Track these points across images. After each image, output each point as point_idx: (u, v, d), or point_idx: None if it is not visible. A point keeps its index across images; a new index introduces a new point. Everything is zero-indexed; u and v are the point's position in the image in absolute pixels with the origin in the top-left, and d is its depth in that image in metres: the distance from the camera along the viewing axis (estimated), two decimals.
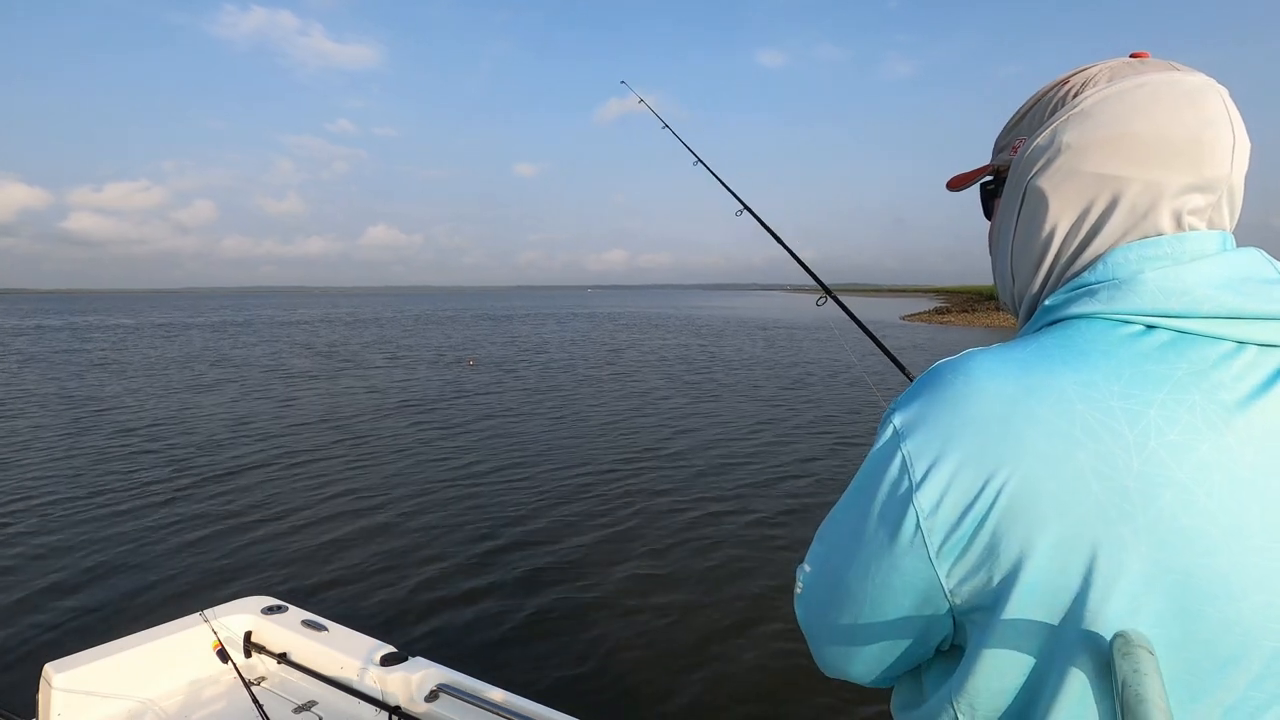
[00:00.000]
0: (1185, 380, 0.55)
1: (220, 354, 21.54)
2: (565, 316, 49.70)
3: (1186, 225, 0.62)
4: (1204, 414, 0.54)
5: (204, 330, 34.15)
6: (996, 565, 0.56)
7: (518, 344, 25.25)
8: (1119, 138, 0.62)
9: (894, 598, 0.63)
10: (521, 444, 8.86)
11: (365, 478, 7.35)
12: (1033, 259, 0.69)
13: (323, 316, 51.23)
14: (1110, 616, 0.53)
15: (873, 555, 0.62)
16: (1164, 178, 0.61)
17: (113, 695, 2.28)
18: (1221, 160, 0.61)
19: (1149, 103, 0.62)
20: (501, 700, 2.16)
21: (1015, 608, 0.56)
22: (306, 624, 2.55)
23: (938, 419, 0.59)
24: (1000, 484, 0.55)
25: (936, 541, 0.58)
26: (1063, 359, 0.58)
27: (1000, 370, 0.58)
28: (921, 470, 0.58)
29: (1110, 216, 0.64)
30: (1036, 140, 0.67)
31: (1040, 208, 0.67)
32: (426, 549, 5.35)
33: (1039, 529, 0.54)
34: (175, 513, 6.23)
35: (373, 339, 28.09)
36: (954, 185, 0.80)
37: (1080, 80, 0.67)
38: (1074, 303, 0.62)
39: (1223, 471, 0.53)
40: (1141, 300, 0.59)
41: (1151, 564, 0.52)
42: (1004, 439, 0.56)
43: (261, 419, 10.67)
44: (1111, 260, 0.63)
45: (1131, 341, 0.58)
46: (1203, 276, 0.59)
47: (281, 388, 14.17)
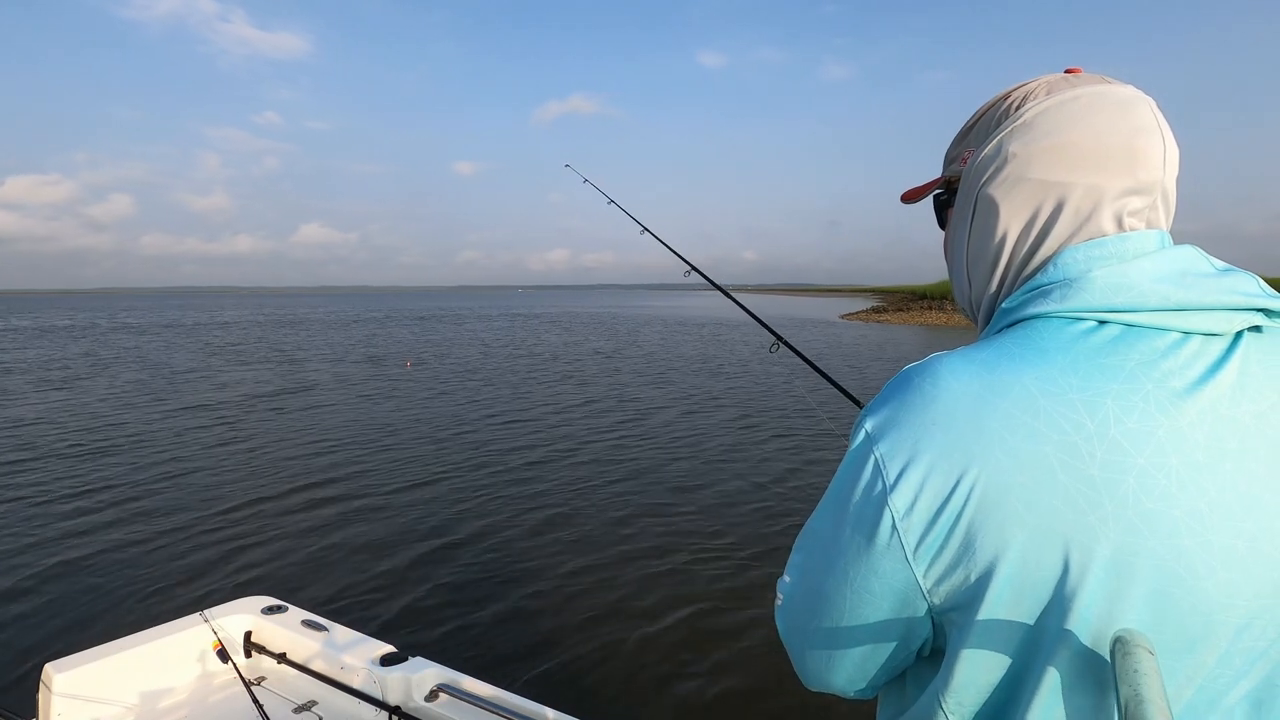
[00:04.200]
0: (1137, 370, 0.58)
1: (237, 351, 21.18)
2: (475, 318, 48.99)
3: (1127, 225, 0.66)
4: (1157, 401, 0.56)
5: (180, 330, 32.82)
6: (973, 562, 0.57)
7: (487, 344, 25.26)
8: (1060, 146, 0.66)
9: (873, 601, 0.63)
10: (522, 443, 8.85)
11: (365, 478, 7.31)
12: (987, 263, 0.72)
13: (251, 319, 49.65)
14: (1085, 603, 0.55)
15: (851, 560, 0.63)
16: (1103, 182, 0.65)
17: (113, 695, 2.27)
18: (1154, 165, 0.65)
19: (1085, 113, 0.66)
20: (501, 700, 2.17)
21: (994, 602, 0.57)
22: (306, 624, 2.55)
23: (908, 421, 0.60)
24: (972, 481, 0.57)
25: (913, 542, 0.59)
26: (1023, 357, 0.60)
27: (965, 371, 0.60)
28: (895, 472, 0.60)
29: (1057, 220, 0.67)
30: (984, 151, 0.71)
31: (991, 214, 0.70)
32: (427, 549, 5.35)
33: (1012, 523, 0.55)
34: (175, 513, 6.17)
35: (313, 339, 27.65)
36: (908, 198, 0.83)
37: (1021, 94, 0.70)
38: (1030, 304, 0.65)
39: (1179, 455, 0.55)
40: (1092, 297, 0.62)
41: (1120, 549, 0.54)
42: (973, 437, 0.57)
43: (260, 420, 10.57)
44: (1061, 261, 0.65)
45: (1085, 337, 0.60)
46: (1146, 272, 0.62)
47: (279, 391, 14.04)
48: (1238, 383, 0.58)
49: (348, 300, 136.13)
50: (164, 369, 17.74)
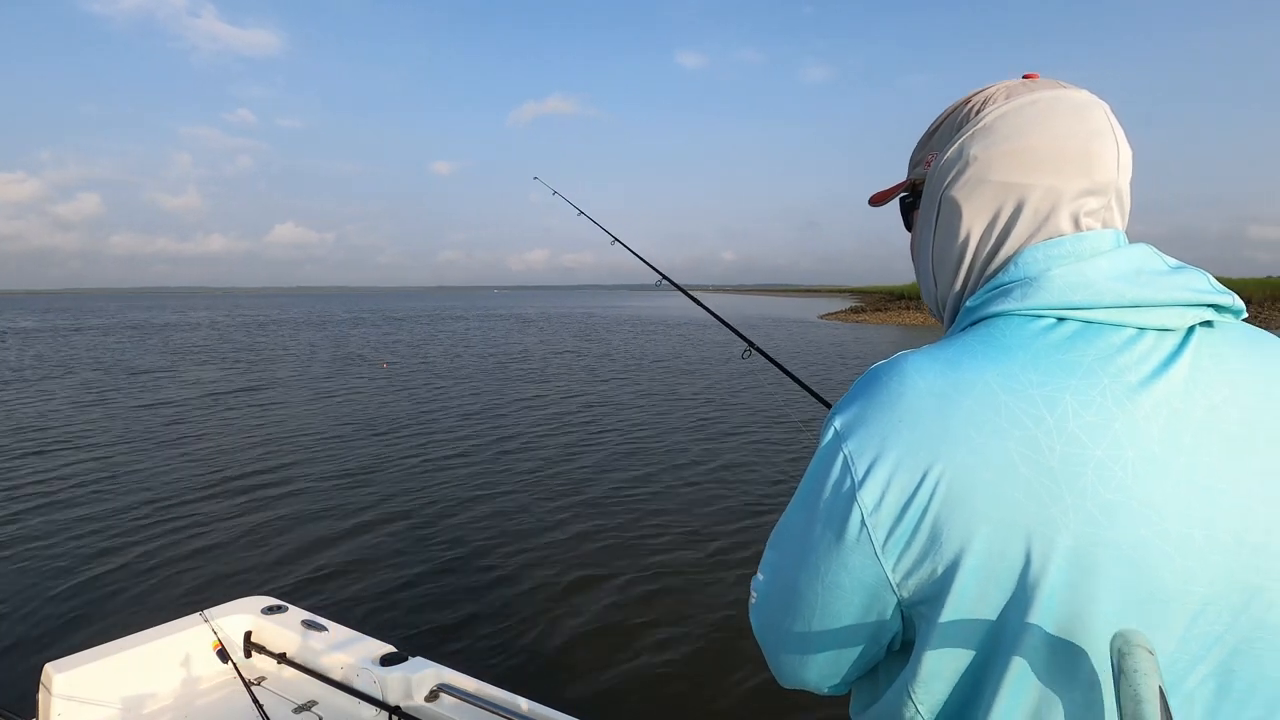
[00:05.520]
0: (1094, 365, 0.59)
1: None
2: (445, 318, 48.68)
3: (1084, 225, 0.68)
4: (1113, 395, 0.58)
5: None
6: (939, 555, 0.58)
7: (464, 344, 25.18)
8: (1019, 149, 0.68)
9: (844, 596, 0.64)
10: (521, 444, 8.84)
11: (364, 478, 7.27)
12: (952, 263, 0.73)
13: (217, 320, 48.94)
14: (1048, 593, 0.56)
15: (822, 556, 0.64)
16: (1061, 183, 0.67)
17: (113, 695, 2.27)
18: (1109, 166, 0.67)
19: (1043, 117, 0.68)
20: (501, 700, 2.18)
21: (960, 594, 0.58)
22: (306, 624, 2.55)
23: (875, 419, 0.62)
24: (937, 477, 0.58)
25: (881, 536, 0.60)
26: (985, 354, 0.62)
27: (930, 369, 0.62)
28: (863, 468, 0.61)
29: (1017, 220, 0.68)
30: (947, 154, 0.72)
31: (955, 216, 0.72)
32: (427, 549, 5.34)
33: (977, 517, 0.57)
34: (174, 513, 6.11)
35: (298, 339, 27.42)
36: (875, 201, 0.84)
37: (981, 99, 0.72)
38: (992, 302, 0.67)
39: (1135, 448, 0.57)
40: (1050, 295, 0.63)
41: (1080, 539, 0.55)
42: (938, 434, 0.59)
43: (259, 421, 10.47)
44: (1022, 261, 0.67)
45: (1044, 334, 0.62)
46: (1102, 271, 0.63)
47: (288, 392, 13.95)
48: (1190, 376, 0.60)
49: (324, 300, 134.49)
50: (143, 370, 17.54)
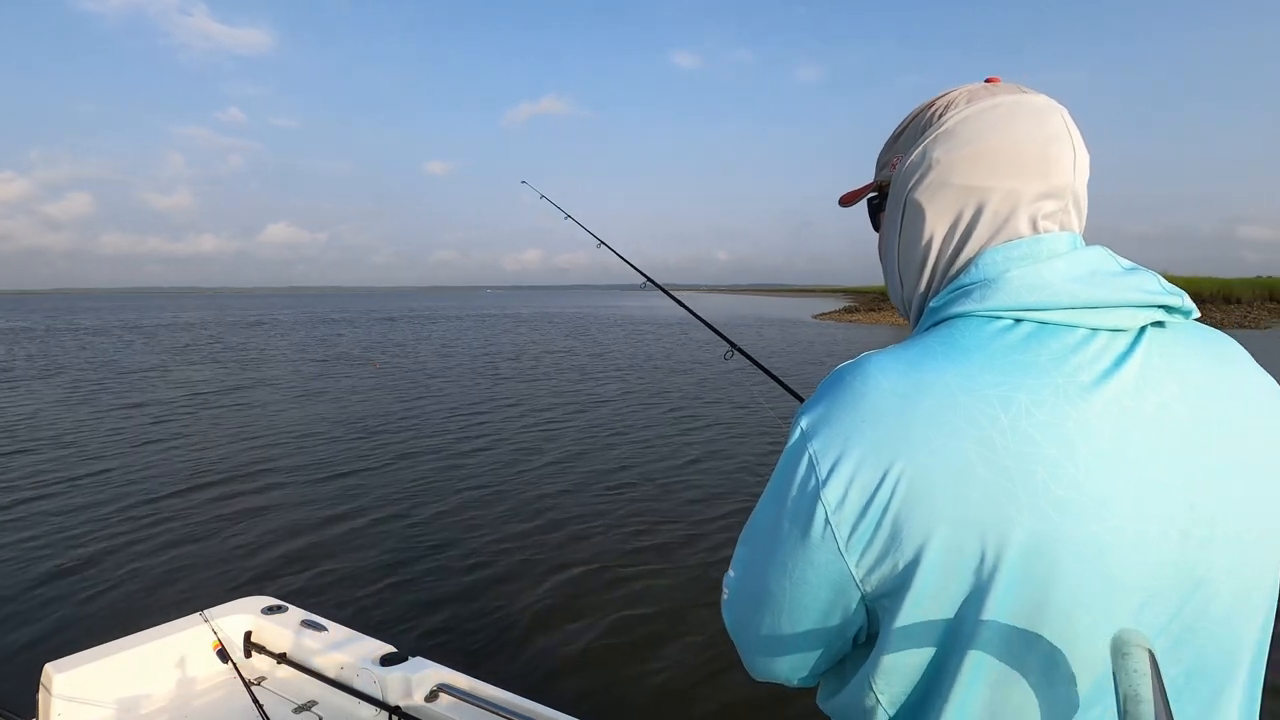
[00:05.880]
0: (1048, 365, 0.61)
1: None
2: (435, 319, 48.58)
3: (1042, 228, 0.69)
4: (1066, 394, 0.59)
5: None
6: (900, 552, 0.60)
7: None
8: (980, 153, 0.69)
9: (811, 592, 0.66)
10: (520, 444, 8.83)
11: (364, 478, 7.26)
12: (916, 264, 0.75)
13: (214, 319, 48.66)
14: (1004, 587, 0.58)
15: (789, 552, 0.66)
16: (1020, 187, 0.68)
17: (113, 695, 2.27)
18: (1065, 170, 0.69)
19: (1003, 121, 0.69)
20: (501, 700, 2.18)
21: (920, 589, 0.59)
22: (306, 624, 2.55)
23: (839, 419, 0.63)
24: (898, 475, 0.59)
25: (844, 534, 0.61)
26: (945, 355, 0.63)
27: (892, 370, 0.63)
28: (827, 467, 0.62)
29: (978, 223, 0.70)
30: (910, 157, 0.73)
31: (918, 218, 0.73)
32: (427, 549, 5.33)
33: (935, 515, 0.58)
34: (174, 513, 6.09)
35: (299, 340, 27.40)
36: (845, 201, 0.86)
37: (944, 103, 0.73)
38: (953, 303, 0.68)
39: (1086, 445, 0.58)
40: (1008, 297, 0.64)
41: (1033, 535, 0.57)
42: (899, 434, 0.60)
43: (254, 422, 10.43)
44: (982, 262, 0.68)
45: (1002, 335, 0.63)
46: (1059, 272, 0.65)
47: (281, 392, 13.92)
48: (1141, 375, 0.61)
49: (317, 301, 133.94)
50: (133, 370, 17.48)
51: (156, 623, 2.52)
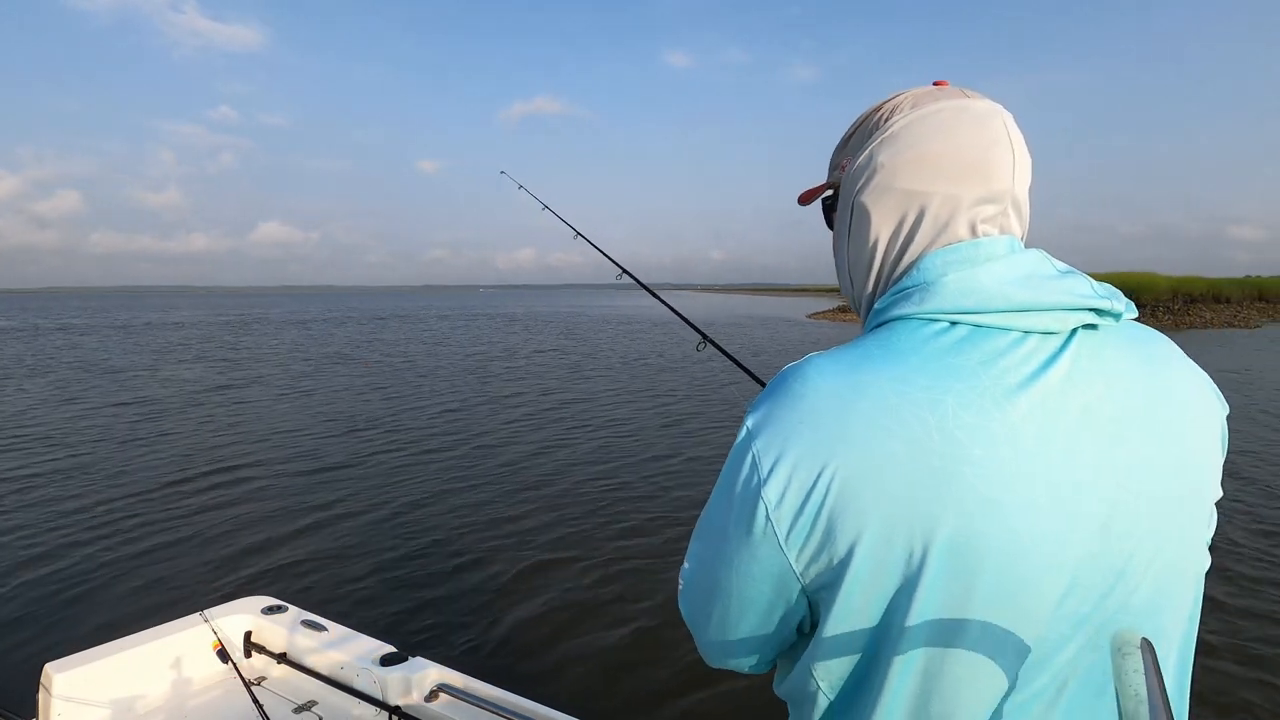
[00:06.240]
0: (978, 368, 0.62)
1: None
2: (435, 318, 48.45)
3: (980, 232, 0.70)
4: (992, 397, 0.61)
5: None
6: (835, 548, 0.62)
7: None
8: (922, 157, 0.70)
9: (756, 584, 0.68)
10: (520, 445, 8.82)
11: (363, 478, 7.24)
12: (864, 266, 0.76)
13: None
14: (930, 583, 0.60)
15: (734, 547, 0.68)
16: (960, 191, 0.69)
17: (112, 695, 2.27)
18: (1005, 175, 0.70)
19: (945, 127, 0.70)
20: (501, 700, 2.19)
21: (853, 583, 0.62)
22: (306, 624, 2.55)
23: (780, 419, 0.65)
24: (831, 475, 0.61)
25: (784, 530, 0.64)
26: (882, 357, 0.65)
27: (831, 372, 0.65)
28: (768, 466, 0.64)
29: (920, 227, 0.71)
30: (858, 160, 0.75)
31: (865, 221, 0.75)
32: (427, 549, 5.32)
33: (866, 513, 0.60)
34: (175, 513, 6.07)
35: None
36: (802, 200, 0.87)
37: (890, 107, 0.74)
38: (894, 306, 0.69)
39: (1010, 445, 0.60)
40: (944, 300, 0.66)
41: (958, 532, 0.59)
42: (835, 434, 0.62)
43: (251, 421, 10.40)
44: (922, 266, 0.70)
45: (936, 337, 0.65)
46: (995, 276, 0.66)
47: (274, 390, 13.94)
48: (1068, 376, 0.63)
49: (310, 300, 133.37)
50: (125, 369, 17.53)
51: (156, 623, 2.52)
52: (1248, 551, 5.20)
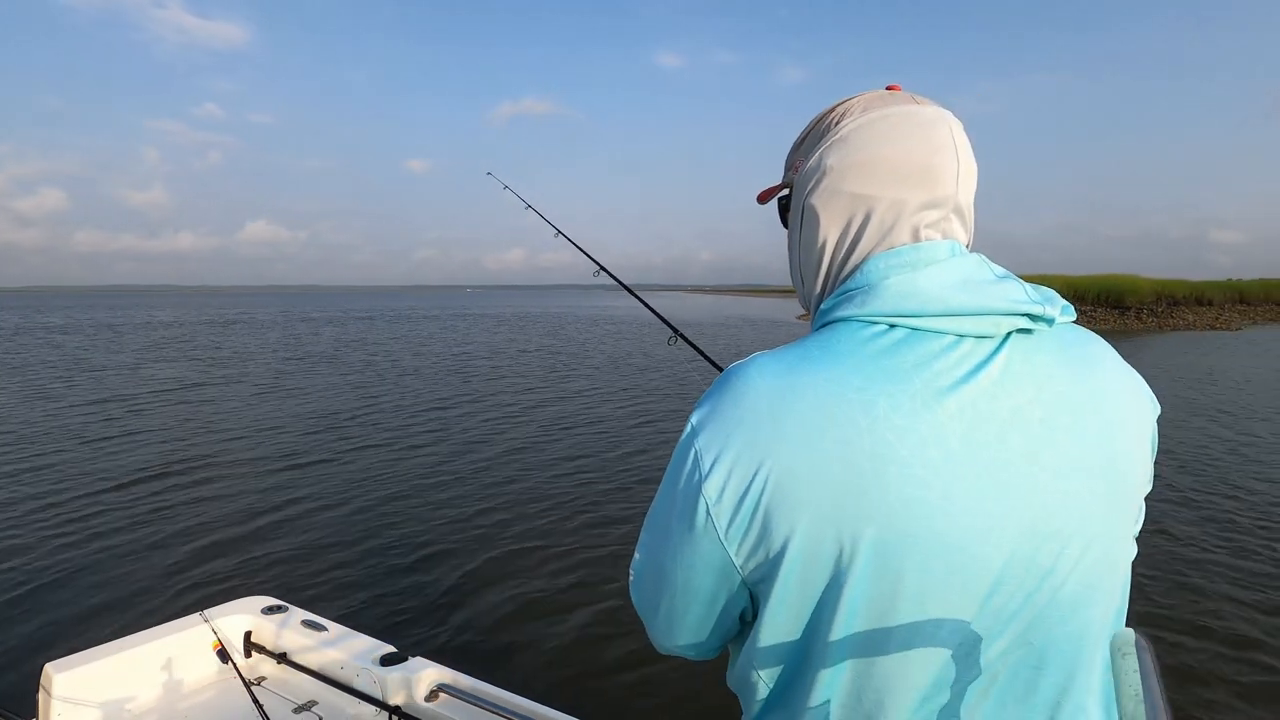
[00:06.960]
0: (910, 371, 0.64)
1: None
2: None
3: (923, 236, 0.71)
4: (923, 399, 0.63)
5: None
6: (770, 543, 0.64)
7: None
8: (868, 162, 0.71)
9: (698, 576, 0.70)
10: (519, 445, 8.80)
11: (365, 478, 7.22)
12: (813, 266, 0.78)
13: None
14: (857, 578, 0.62)
15: (679, 540, 0.70)
16: (904, 196, 0.71)
17: (112, 695, 2.26)
18: (949, 181, 0.71)
19: (892, 132, 0.71)
20: (501, 700, 2.19)
21: (786, 577, 0.64)
22: (306, 624, 2.55)
23: (721, 417, 0.67)
24: (767, 473, 0.63)
25: (723, 525, 0.66)
26: (820, 358, 0.66)
27: (771, 372, 0.66)
28: (708, 463, 0.66)
29: (865, 230, 0.72)
30: (809, 162, 0.76)
31: (814, 223, 0.76)
32: (427, 548, 5.32)
33: (798, 510, 0.62)
34: (175, 513, 6.05)
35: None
36: (761, 199, 0.87)
37: (842, 110, 0.75)
38: (838, 307, 0.71)
39: (938, 447, 0.62)
40: (884, 303, 0.67)
41: (884, 530, 0.61)
42: (771, 433, 0.63)
43: (258, 419, 10.36)
44: (866, 268, 0.71)
45: (874, 340, 0.66)
46: (934, 280, 0.67)
47: (273, 389, 13.81)
48: (1000, 379, 0.65)
49: (297, 299, 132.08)
50: (112, 369, 17.44)
51: (156, 623, 2.52)
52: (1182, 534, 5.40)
